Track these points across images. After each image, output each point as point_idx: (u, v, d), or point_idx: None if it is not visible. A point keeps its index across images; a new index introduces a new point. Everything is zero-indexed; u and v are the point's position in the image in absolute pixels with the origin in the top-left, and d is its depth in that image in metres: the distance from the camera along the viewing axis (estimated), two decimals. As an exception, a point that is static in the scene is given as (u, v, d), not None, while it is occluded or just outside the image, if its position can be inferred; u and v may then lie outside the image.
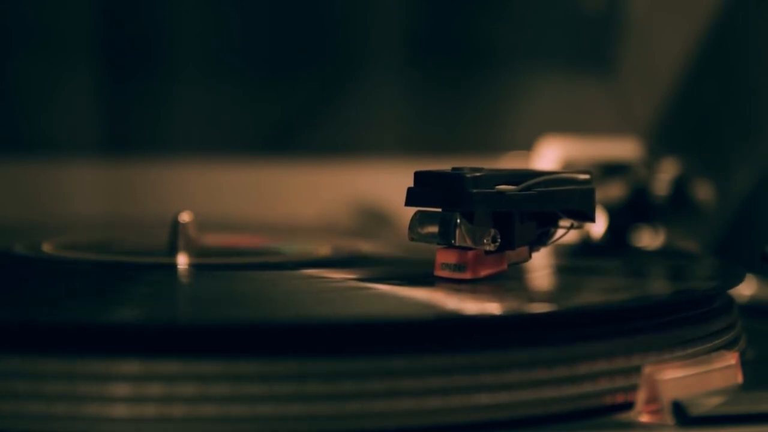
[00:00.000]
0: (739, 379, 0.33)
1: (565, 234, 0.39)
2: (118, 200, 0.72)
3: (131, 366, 0.29)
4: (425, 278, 0.37)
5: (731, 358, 0.34)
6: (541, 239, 0.39)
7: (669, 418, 0.31)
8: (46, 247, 0.46)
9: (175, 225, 0.44)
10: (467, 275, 0.37)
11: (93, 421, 0.28)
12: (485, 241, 0.37)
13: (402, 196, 0.37)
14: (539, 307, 0.35)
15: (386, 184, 0.68)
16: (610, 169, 0.58)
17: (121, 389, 0.29)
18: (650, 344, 0.33)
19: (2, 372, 0.29)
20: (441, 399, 0.30)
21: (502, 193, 0.36)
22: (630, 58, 0.72)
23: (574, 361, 0.32)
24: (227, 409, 0.29)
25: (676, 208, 0.57)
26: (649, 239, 0.56)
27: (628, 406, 0.32)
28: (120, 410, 0.29)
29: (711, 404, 0.31)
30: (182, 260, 0.43)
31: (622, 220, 0.56)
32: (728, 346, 0.36)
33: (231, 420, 0.29)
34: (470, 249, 0.37)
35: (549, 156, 0.60)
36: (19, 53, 0.71)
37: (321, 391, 0.29)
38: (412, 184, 0.37)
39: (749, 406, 0.31)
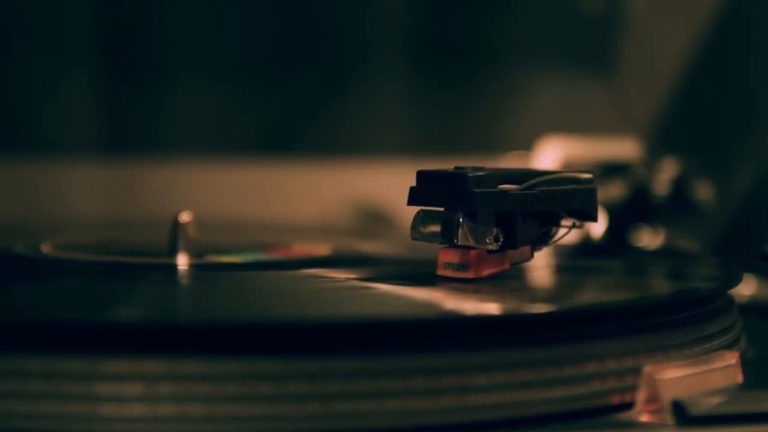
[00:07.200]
0: (739, 378, 0.34)
1: (567, 233, 0.39)
2: (118, 200, 0.71)
3: (122, 366, 0.29)
4: (427, 278, 0.37)
5: (731, 358, 0.34)
6: (543, 238, 0.39)
7: (669, 418, 0.31)
8: (46, 247, 0.46)
9: (175, 225, 0.44)
10: (470, 275, 0.37)
11: (102, 421, 0.29)
12: (488, 240, 0.37)
13: (402, 196, 0.37)
14: (540, 307, 0.35)
15: (386, 184, 0.68)
16: (610, 169, 0.58)
17: (119, 389, 0.29)
18: (650, 344, 0.33)
19: (2, 372, 0.29)
20: (441, 398, 0.30)
21: (504, 192, 0.36)
22: (630, 58, 0.72)
23: (574, 360, 0.32)
24: (235, 409, 0.29)
25: (676, 207, 0.57)
26: (649, 239, 0.56)
27: (629, 405, 0.32)
28: (116, 410, 0.29)
29: (711, 404, 0.31)
30: (182, 260, 0.43)
31: (622, 220, 0.56)
32: (728, 345, 0.36)
33: (240, 419, 0.29)
34: (473, 248, 0.37)
35: (549, 156, 0.60)
36: (19, 53, 0.71)
37: (324, 391, 0.29)
38: (413, 184, 0.37)
39: (749, 405, 0.31)
